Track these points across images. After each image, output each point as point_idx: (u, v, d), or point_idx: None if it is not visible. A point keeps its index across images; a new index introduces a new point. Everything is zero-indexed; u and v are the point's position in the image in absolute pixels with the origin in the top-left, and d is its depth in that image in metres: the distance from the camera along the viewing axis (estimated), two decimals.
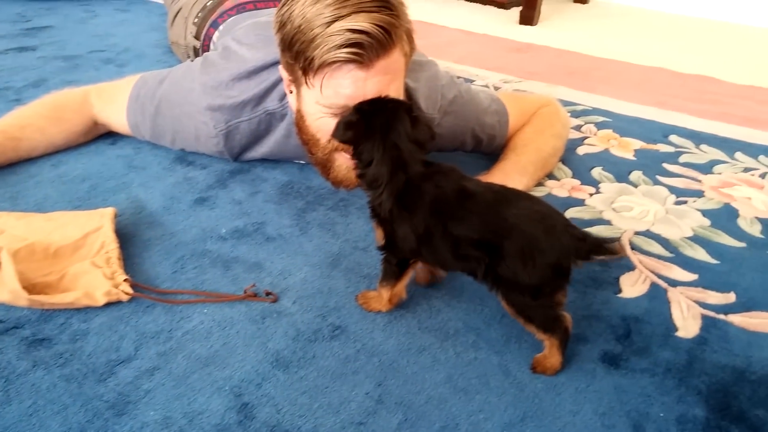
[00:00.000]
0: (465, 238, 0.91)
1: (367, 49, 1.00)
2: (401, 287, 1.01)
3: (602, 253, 0.90)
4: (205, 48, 1.73)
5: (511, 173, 1.33)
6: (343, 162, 1.18)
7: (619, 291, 1.10)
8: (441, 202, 0.92)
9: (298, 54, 1.05)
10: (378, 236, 0.99)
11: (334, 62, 1.02)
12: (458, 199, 0.92)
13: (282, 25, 1.07)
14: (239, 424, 0.82)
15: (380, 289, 1.01)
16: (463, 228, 0.91)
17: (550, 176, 1.48)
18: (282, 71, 1.16)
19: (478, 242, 0.90)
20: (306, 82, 1.08)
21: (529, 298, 0.88)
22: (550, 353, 0.92)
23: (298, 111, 1.17)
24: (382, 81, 1.05)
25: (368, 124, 0.96)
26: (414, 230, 0.93)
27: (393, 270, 0.99)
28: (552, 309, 0.90)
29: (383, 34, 1.00)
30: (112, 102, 1.41)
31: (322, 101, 1.08)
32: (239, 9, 1.67)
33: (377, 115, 0.97)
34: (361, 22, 0.99)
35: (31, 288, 0.97)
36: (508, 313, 0.92)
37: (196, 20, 1.78)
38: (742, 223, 1.34)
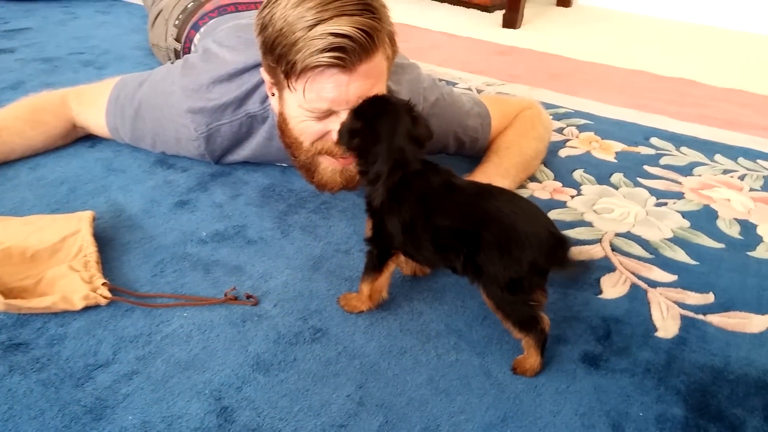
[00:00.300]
0: (445, 228, 0.92)
1: (349, 53, 1.00)
2: (382, 282, 1.01)
3: (572, 267, 0.91)
4: (186, 50, 1.72)
5: (493, 175, 1.34)
6: (328, 165, 1.18)
7: (600, 292, 1.11)
8: (426, 195, 0.94)
9: (280, 57, 1.04)
10: (367, 228, 1.00)
11: (317, 66, 1.01)
12: (442, 191, 0.94)
13: (263, 28, 1.06)
14: (219, 427, 0.81)
15: (361, 285, 1.01)
16: (444, 218, 0.92)
17: (532, 178, 1.49)
18: (264, 74, 1.16)
19: (457, 232, 0.91)
20: (288, 86, 1.07)
21: (507, 293, 0.89)
22: (528, 354, 0.92)
23: (281, 114, 1.17)
24: (364, 85, 1.05)
25: (372, 128, 0.97)
26: (401, 221, 0.94)
27: (374, 263, 0.99)
28: (530, 307, 0.90)
29: (365, 38, 1.00)
30: (91, 105, 1.40)
31: (305, 105, 1.08)
32: (220, 11, 1.66)
33: (380, 119, 0.98)
34: (344, 25, 0.98)
35: (7, 292, 0.96)
36: (489, 306, 0.92)
37: (176, 22, 1.77)
38: (721, 224, 1.35)
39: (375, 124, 0.97)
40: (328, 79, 1.03)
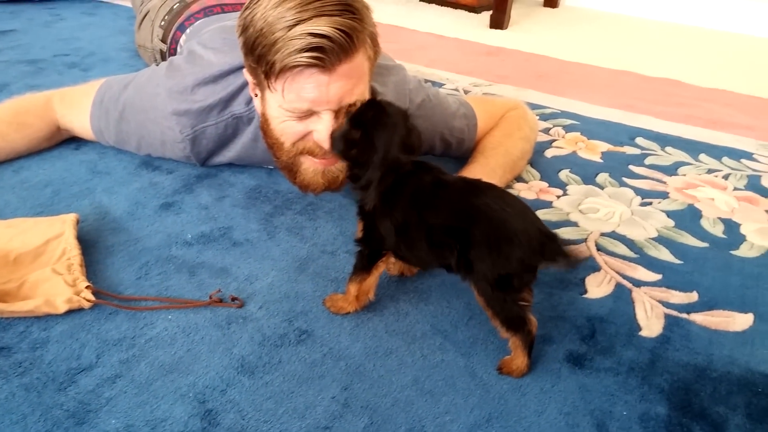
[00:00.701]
0: (437, 226, 0.92)
1: (328, 54, 1.00)
2: (370, 283, 1.01)
3: (566, 257, 0.90)
4: (172, 51, 1.71)
5: (479, 176, 1.31)
6: (309, 165, 1.17)
7: (585, 292, 1.11)
8: (418, 194, 0.94)
9: (260, 58, 1.04)
10: (358, 229, 1.00)
11: (295, 66, 1.02)
12: (433, 189, 0.94)
13: (244, 29, 1.06)
14: (203, 430, 0.81)
15: (349, 285, 1.01)
16: (436, 216, 0.92)
17: (519, 178, 1.49)
18: (246, 75, 1.16)
19: (449, 229, 0.91)
20: (268, 86, 1.07)
21: (496, 290, 0.89)
22: (516, 355, 0.92)
23: (263, 114, 1.16)
24: (345, 85, 1.05)
25: (370, 138, 0.96)
26: (394, 223, 0.94)
27: (363, 263, 0.99)
28: (519, 307, 0.91)
29: (345, 39, 1.00)
30: (75, 107, 1.39)
31: (285, 105, 1.08)
32: (206, 12, 1.66)
33: (378, 128, 0.97)
34: (323, 26, 0.98)
35: None
36: (479, 303, 0.92)
37: (162, 23, 1.76)
38: (705, 223, 1.36)
39: (372, 134, 0.96)
40: (308, 79, 1.03)
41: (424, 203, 0.93)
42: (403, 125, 0.99)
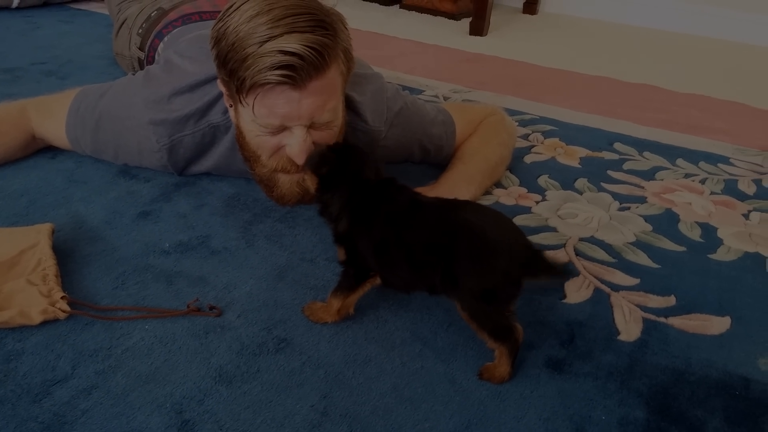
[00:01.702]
0: (418, 245, 0.91)
1: (298, 71, 0.99)
2: (352, 300, 1.01)
3: (551, 271, 0.91)
4: (150, 59, 1.70)
5: (458, 182, 1.34)
6: (286, 179, 1.17)
7: (564, 297, 1.12)
8: (393, 214, 0.94)
9: (231, 72, 1.04)
10: (340, 254, 1.00)
11: (266, 84, 1.01)
12: (408, 209, 0.94)
13: (217, 41, 1.06)
14: None
15: (331, 298, 1.00)
16: (415, 234, 0.92)
17: (498, 184, 1.50)
18: (220, 85, 1.15)
19: (430, 246, 0.90)
20: (240, 101, 1.07)
21: (482, 303, 0.88)
22: (500, 362, 0.92)
23: (238, 127, 1.16)
24: (316, 101, 1.05)
25: (344, 162, 0.98)
26: (372, 241, 0.94)
27: (350, 282, 0.99)
28: (505, 317, 0.91)
29: (316, 56, 1.00)
30: (51, 116, 1.38)
31: (257, 120, 1.08)
32: (184, 20, 1.65)
33: (351, 157, 0.99)
34: (293, 43, 0.98)
35: None
36: (462, 318, 0.92)
37: (140, 31, 1.75)
38: (683, 227, 1.37)
39: (346, 160, 0.98)
40: (279, 95, 1.03)
41: (402, 223, 0.93)
42: (373, 161, 1.01)
